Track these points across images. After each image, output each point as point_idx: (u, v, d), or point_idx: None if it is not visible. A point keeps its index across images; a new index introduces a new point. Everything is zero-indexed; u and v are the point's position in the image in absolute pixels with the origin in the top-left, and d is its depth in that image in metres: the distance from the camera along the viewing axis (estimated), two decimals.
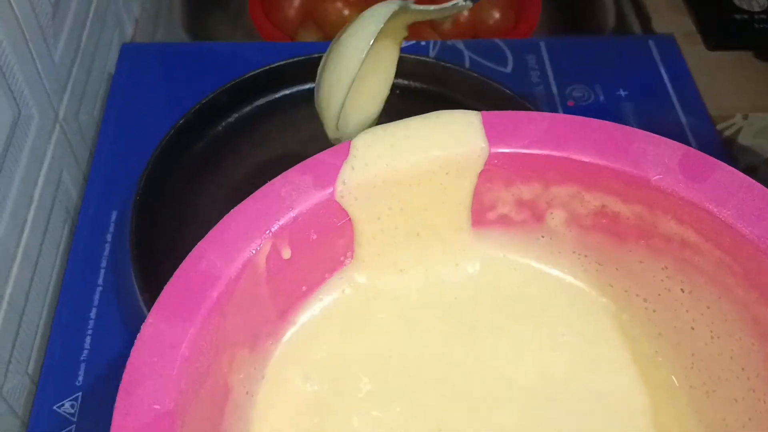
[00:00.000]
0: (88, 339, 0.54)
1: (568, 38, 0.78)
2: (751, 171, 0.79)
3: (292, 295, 0.43)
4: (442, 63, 0.67)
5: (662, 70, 0.74)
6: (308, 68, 0.66)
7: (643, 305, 0.45)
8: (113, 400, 0.51)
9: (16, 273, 0.53)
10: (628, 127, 0.42)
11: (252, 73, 0.65)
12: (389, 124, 0.43)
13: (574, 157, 0.42)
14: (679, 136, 0.68)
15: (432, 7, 0.51)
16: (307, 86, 0.67)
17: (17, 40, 0.54)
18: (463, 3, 0.51)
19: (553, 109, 0.69)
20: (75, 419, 0.50)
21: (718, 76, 0.79)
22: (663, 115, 0.70)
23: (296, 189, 0.41)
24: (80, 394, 0.51)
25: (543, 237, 0.46)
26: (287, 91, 0.67)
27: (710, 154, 0.67)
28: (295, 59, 0.66)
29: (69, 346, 0.53)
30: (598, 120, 0.43)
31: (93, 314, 0.55)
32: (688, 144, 0.67)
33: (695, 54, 0.78)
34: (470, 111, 0.44)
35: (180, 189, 0.60)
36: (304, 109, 0.66)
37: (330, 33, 0.84)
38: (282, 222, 0.39)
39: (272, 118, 0.66)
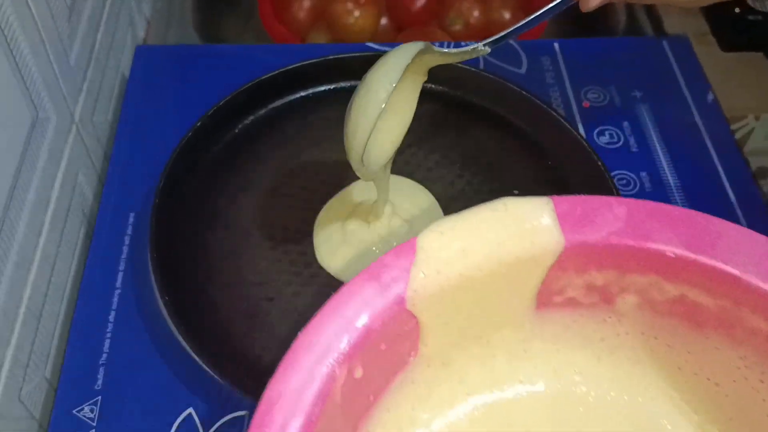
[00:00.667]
0: (107, 342, 0.54)
1: (582, 39, 0.78)
2: (762, 173, 0.78)
3: (361, 408, 0.40)
4: (460, 65, 0.67)
5: (677, 71, 0.74)
6: (323, 70, 0.66)
7: (714, 389, 0.42)
8: (132, 405, 0.51)
9: (34, 276, 0.53)
10: (712, 217, 0.40)
11: (268, 76, 0.64)
12: (454, 217, 0.40)
13: (658, 249, 0.39)
14: (694, 137, 0.68)
15: (454, 50, 0.52)
16: (322, 88, 0.67)
17: (35, 41, 0.54)
18: (483, 48, 0.53)
19: (569, 110, 0.69)
20: (94, 423, 0.50)
21: (730, 77, 0.79)
22: (678, 116, 0.70)
23: (365, 302, 0.37)
24: (99, 398, 0.51)
25: (610, 318, 0.44)
26: (303, 93, 0.67)
27: (725, 155, 0.67)
28: (311, 61, 0.66)
29: (88, 350, 0.53)
30: (680, 207, 0.40)
31: (112, 317, 0.55)
32: (705, 145, 0.68)
33: (707, 55, 0.78)
34: (540, 198, 0.41)
35: (198, 191, 0.60)
36: (321, 111, 0.66)
37: (341, 34, 0.84)
38: (354, 342, 0.36)
39: (289, 119, 0.65)
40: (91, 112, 0.65)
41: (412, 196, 0.62)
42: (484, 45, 0.53)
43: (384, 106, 0.47)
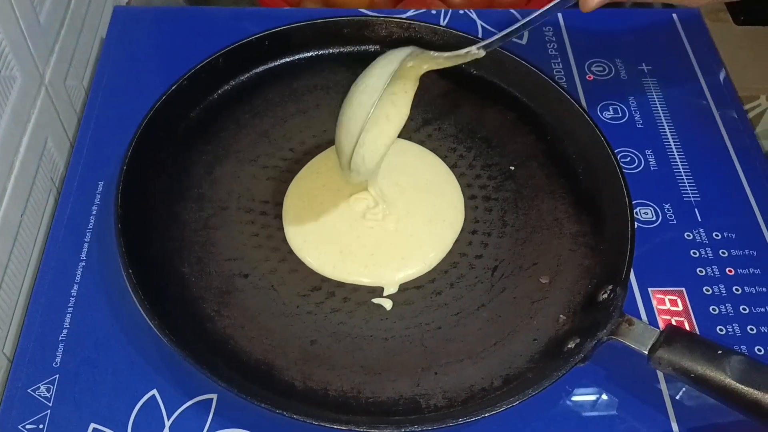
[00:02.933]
0: (68, 317, 0.50)
1: None
2: None
3: None
4: (455, 31, 0.63)
5: (687, 45, 0.69)
6: (310, 34, 0.62)
7: None
8: (92, 385, 0.48)
9: None
10: None
11: (250, 38, 0.60)
12: None
13: None
14: (703, 114, 0.64)
15: (445, 54, 0.51)
16: (309, 54, 0.63)
17: None
18: (476, 51, 0.51)
19: (571, 83, 0.65)
20: (50, 404, 0.46)
21: (742, 55, 0.75)
22: (687, 91, 0.66)
23: None
24: (57, 376, 0.48)
25: None
26: (288, 59, 0.63)
27: (737, 135, 0.63)
28: (296, 24, 0.62)
29: (47, 325, 0.50)
30: None
31: (74, 291, 0.51)
32: (715, 123, 0.63)
33: (719, 32, 0.74)
34: None
35: (171, 159, 0.57)
36: (306, 78, 0.63)
37: (337, 4, 0.80)
38: None
39: (272, 86, 0.62)
40: (63, 75, 0.61)
41: (421, 156, 0.59)
42: (478, 48, 0.51)
43: (369, 116, 0.47)
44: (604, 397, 0.49)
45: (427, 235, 0.54)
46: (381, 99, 0.47)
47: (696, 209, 0.58)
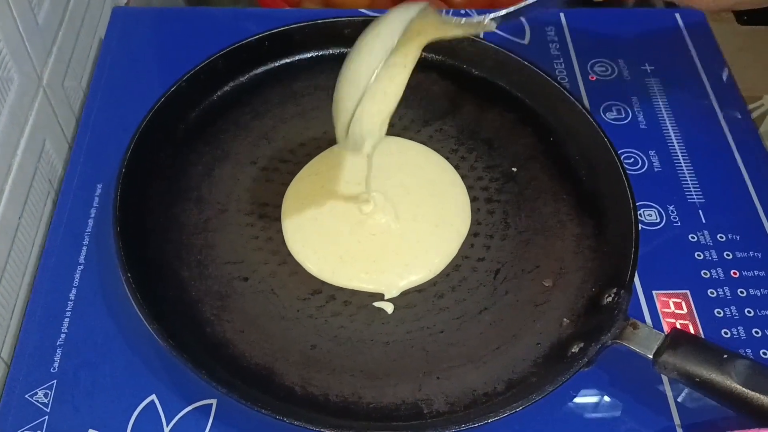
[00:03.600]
0: (66, 321, 0.50)
1: (590, 10, 0.73)
2: None
3: None
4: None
5: (690, 45, 0.69)
6: (310, 35, 0.62)
7: None
8: (90, 390, 0.47)
9: None
10: None
11: (250, 39, 0.60)
12: None
13: None
14: (707, 114, 0.64)
15: (453, 19, 0.48)
16: (309, 54, 0.63)
17: None
18: (489, 22, 0.48)
19: (574, 83, 0.65)
20: (48, 410, 0.46)
21: (745, 55, 0.74)
22: (691, 91, 0.65)
23: None
24: (55, 382, 0.47)
25: None
26: (288, 60, 0.62)
27: (740, 135, 0.62)
28: (296, 25, 0.61)
29: (45, 330, 0.49)
30: None
31: (72, 295, 0.51)
32: (719, 123, 0.63)
33: (722, 32, 0.73)
34: None
35: (170, 161, 0.56)
36: (307, 79, 0.62)
37: (336, 4, 0.80)
38: None
39: (272, 87, 0.61)
40: (62, 76, 0.61)
41: (425, 153, 0.59)
42: (491, 19, 0.49)
43: (378, 71, 0.44)
44: (608, 400, 0.48)
45: (432, 240, 0.54)
46: (381, 69, 0.45)
47: (700, 211, 0.57)
